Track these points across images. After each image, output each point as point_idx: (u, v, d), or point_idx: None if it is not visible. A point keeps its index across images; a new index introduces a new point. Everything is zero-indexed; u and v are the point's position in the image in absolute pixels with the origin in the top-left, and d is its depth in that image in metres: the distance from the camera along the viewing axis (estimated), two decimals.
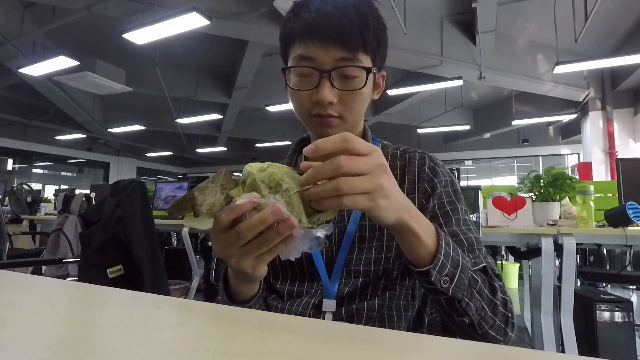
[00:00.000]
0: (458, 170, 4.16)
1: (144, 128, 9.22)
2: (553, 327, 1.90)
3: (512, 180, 10.95)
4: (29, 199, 4.09)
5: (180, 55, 7.00)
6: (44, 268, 2.60)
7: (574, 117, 7.61)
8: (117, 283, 1.41)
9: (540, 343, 1.88)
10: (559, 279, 1.95)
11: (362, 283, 0.64)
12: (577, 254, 2.19)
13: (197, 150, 12.12)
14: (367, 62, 0.60)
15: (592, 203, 1.82)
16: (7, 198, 4.20)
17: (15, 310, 0.35)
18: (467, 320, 0.52)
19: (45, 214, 3.96)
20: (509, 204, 2.12)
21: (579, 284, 2.70)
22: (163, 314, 0.36)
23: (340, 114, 0.60)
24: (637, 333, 1.96)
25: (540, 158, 10.62)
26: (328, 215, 0.44)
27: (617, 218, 1.78)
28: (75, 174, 13.55)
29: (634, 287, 3.66)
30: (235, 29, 5.18)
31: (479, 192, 2.11)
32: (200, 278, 3.32)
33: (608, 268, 3.33)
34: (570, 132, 8.81)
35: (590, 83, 6.80)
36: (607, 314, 1.88)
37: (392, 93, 6.57)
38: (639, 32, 5.77)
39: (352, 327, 0.33)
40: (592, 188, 1.84)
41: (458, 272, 0.50)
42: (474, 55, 5.99)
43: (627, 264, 2.53)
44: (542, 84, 6.58)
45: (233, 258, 0.43)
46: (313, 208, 0.43)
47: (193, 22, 4.09)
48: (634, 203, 1.75)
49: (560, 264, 1.90)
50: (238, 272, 0.47)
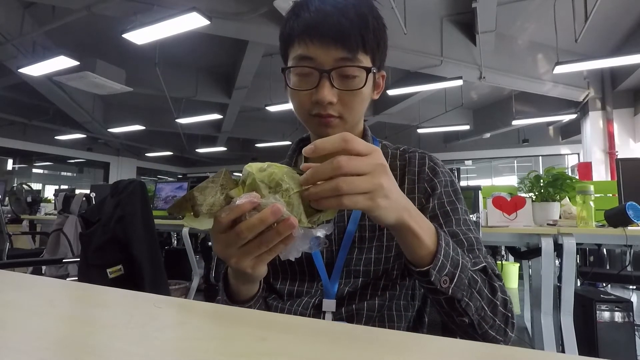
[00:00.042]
0: (458, 170, 4.16)
1: (144, 128, 9.23)
2: (553, 327, 1.90)
3: (512, 180, 10.95)
4: (29, 199, 4.09)
5: (180, 55, 7.00)
6: (44, 268, 2.60)
7: (574, 117, 7.62)
8: (117, 283, 1.41)
9: (540, 343, 1.88)
10: (559, 279, 1.95)
11: (362, 283, 0.64)
12: (577, 254, 2.19)
13: (197, 150, 12.12)
14: (366, 62, 0.60)
15: (592, 203, 1.82)
16: (7, 198, 4.20)
17: (15, 310, 0.35)
18: (467, 320, 0.52)
19: (45, 214, 3.96)
20: (509, 204, 2.12)
21: (579, 284, 2.70)
22: (163, 314, 0.36)
23: (340, 114, 0.60)
24: (637, 333, 1.96)
25: (540, 158, 10.63)
26: (328, 215, 0.44)
27: (617, 218, 1.78)
28: (75, 174, 13.55)
29: (634, 287, 3.66)
30: (235, 29, 5.18)
31: (479, 192, 2.11)
32: (200, 278, 3.32)
33: (608, 268, 3.33)
34: (570, 132, 8.81)
35: (590, 83, 6.80)
36: (607, 314, 1.88)
37: (392, 93, 6.57)
38: (639, 32, 5.77)
39: (352, 327, 0.33)
40: (592, 188, 1.84)
41: (458, 272, 0.50)
42: (474, 55, 5.99)
43: (627, 264, 2.53)
44: (542, 84, 6.58)
45: (233, 258, 0.43)
46: (313, 208, 0.42)
47: (193, 22, 4.09)
48: (634, 203, 1.75)
49: (560, 264, 1.90)
50: (238, 272, 0.47)
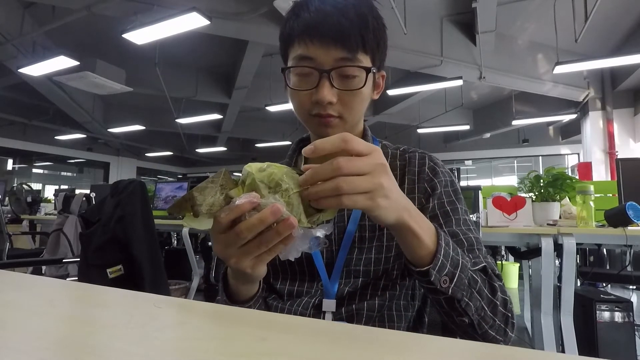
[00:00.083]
0: (458, 170, 4.15)
1: (144, 128, 9.22)
2: (553, 327, 1.90)
3: (512, 180, 10.95)
4: (29, 199, 4.09)
5: (180, 55, 7.00)
6: (44, 268, 2.60)
7: (574, 117, 7.61)
8: (117, 283, 1.41)
9: (540, 343, 1.88)
10: (559, 279, 1.95)
11: (362, 283, 0.64)
12: (577, 254, 2.19)
13: (197, 150, 12.12)
14: (366, 62, 0.60)
15: (592, 203, 1.82)
16: (7, 198, 4.19)
17: (15, 310, 0.35)
18: (466, 320, 0.52)
19: (45, 214, 3.96)
20: (509, 204, 2.12)
21: (579, 284, 2.70)
22: (163, 314, 0.36)
23: (340, 114, 0.60)
24: (637, 333, 1.96)
25: (540, 158, 10.63)
26: (327, 215, 0.44)
27: (617, 218, 1.78)
28: (75, 174, 13.55)
29: (634, 287, 3.66)
30: (235, 29, 5.18)
31: (479, 192, 2.11)
32: (200, 278, 3.32)
33: (608, 268, 3.33)
34: (570, 132, 8.81)
35: (590, 83, 6.80)
36: (607, 314, 1.88)
37: (392, 93, 6.57)
38: (639, 32, 5.77)
39: (352, 327, 0.33)
40: (592, 188, 1.84)
41: (458, 272, 0.50)
42: (474, 55, 5.99)
43: (627, 264, 2.53)
44: (542, 84, 6.58)
45: (233, 258, 0.43)
46: (313, 208, 0.42)
47: (193, 22, 4.09)
48: (634, 203, 1.75)
49: (560, 264, 1.90)
50: (237, 272, 0.47)
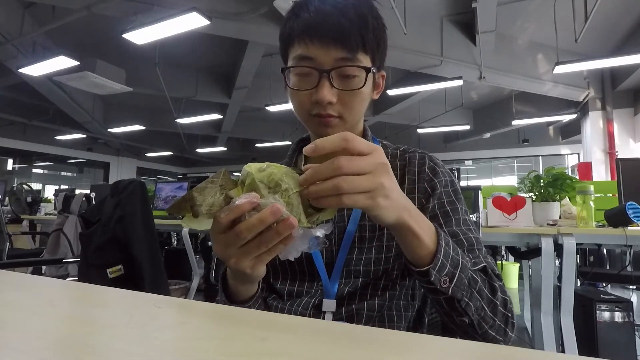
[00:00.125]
0: (458, 170, 4.15)
1: (144, 128, 9.22)
2: (553, 327, 1.90)
3: (512, 180, 10.95)
4: (29, 199, 4.09)
5: (180, 55, 7.00)
6: (44, 268, 2.60)
7: (574, 117, 7.61)
8: (117, 283, 1.41)
9: (540, 343, 1.88)
10: (559, 279, 1.95)
11: (362, 283, 0.64)
12: (577, 254, 2.19)
13: (197, 150, 12.12)
14: (366, 61, 0.60)
15: (592, 203, 1.82)
16: (7, 198, 4.20)
17: (15, 310, 0.35)
18: (466, 320, 0.52)
19: (45, 214, 3.96)
20: (509, 204, 2.12)
21: (579, 284, 2.70)
22: (163, 314, 0.36)
23: (340, 114, 0.60)
24: (637, 333, 1.96)
25: (540, 158, 10.63)
26: (327, 215, 0.44)
27: (617, 218, 1.78)
28: (75, 174, 13.55)
29: (634, 287, 3.66)
30: (235, 29, 5.18)
31: (479, 192, 2.11)
32: (200, 278, 3.32)
33: (608, 268, 3.33)
34: (570, 132, 8.81)
35: (590, 83, 6.80)
36: (607, 314, 1.88)
37: (392, 93, 6.57)
38: (639, 32, 5.77)
39: (352, 327, 0.33)
40: (592, 188, 1.84)
41: (458, 272, 0.50)
42: (474, 55, 5.99)
43: (627, 264, 2.53)
44: (542, 84, 6.58)
45: (232, 258, 0.43)
46: (312, 208, 0.42)
47: (193, 22, 4.09)
48: (634, 203, 1.75)
49: (560, 264, 1.90)
50: (237, 272, 0.47)
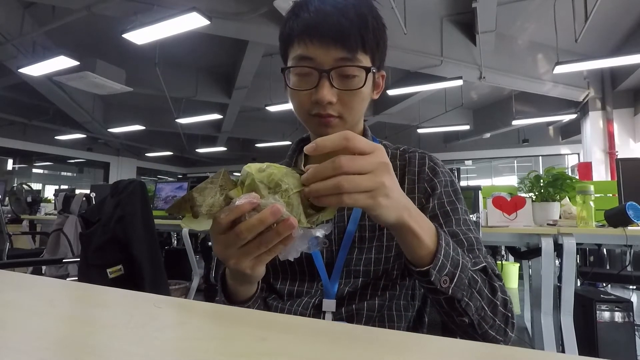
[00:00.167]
0: (458, 170, 4.15)
1: (144, 128, 9.22)
2: (553, 327, 1.90)
3: (512, 180, 10.95)
4: (29, 199, 4.09)
5: (180, 55, 7.00)
6: (44, 268, 2.60)
7: (574, 117, 7.61)
8: (117, 283, 1.41)
9: (540, 343, 1.88)
10: (559, 279, 1.95)
11: (362, 283, 0.64)
12: (577, 254, 2.19)
13: (197, 150, 12.12)
14: (366, 61, 0.60)
15: (592, 203, 1.82)
16: (7, 198, 4.20)
17: (15, 310, 0.35)
18: (467, 320, 0.52)
19: (45, 214, 3.96)
20: (509, 204, 2.12)
21: (579, 284, 2.70)
22: (163, 314, 0.36)
23: (340, 114, 0.60)
24: (637, 333, 1.96)
25: (540, 158, 10.63)
26: (327, 215, 0.44)
27: (617, 218, 1.78)
28: (75, 174, 13.55)
29: (634, 287, 3.66)
30: (235, 29, 5.18)
31: (479, 192, 2.11)
32: (200, 278, 3.32)
33: (608, 268, 3.33)
34: (570, 132, 8.81)
35: (590, 83, 6.80)
36: (607, 314, 1.88)
37: (392, 93, 6.57)
38: (639, 32, 5.77)
39: (352, 327, 0.33)
40: (592, 188, 1.84)
41: (458, 272, 0.50)
42: (474, 55, 5.99)
43: (627, 264, 2.53)
44: (542, 84, 6.58)
45: (232, 259, 0.43)
46: (312, 208, 0.42)
47: (193, 22, 4.09)
48: (634, 203, 1.75)
49: (560, 264, 1.90)
50: (237, 272, 0.47)
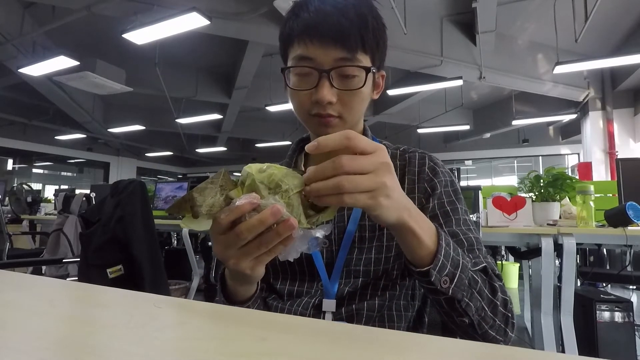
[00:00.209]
0: (458, 170, 4.15)
1: (144, 128, 9.22)
2: (553, 327, 1.90)
3: (512, 180, 10.95)
4: (29, 199, 4.09)
5: (180, 55, 7.00)
6: (44, 268, 2.60)
7: (574, 117, 7.61)
8: (117, 283, 1.41)
9: (540, 343, 1.88)
10: (559, 279, 1.95)
11: (362, 283, 0.64)
12: (577, 254, 2.19)
13: (197, 150, 12.12)
14: (366, 61, 0.60)
15: (592, 203, 1.82)
16: (7, 198, 4.19)
17: (15, 310, 0.35)
18: (467, 321, 0.52)
19: (45, 214, 3.96)
20: (509, 204, 2.12)
21: (579, 284, 2.70)
22: (163, 314, 0.36)
23: (340, 114, 0.60)
24: (637, 333, 1.96)
25: (540, 158, 10.63)
26: (327, 216, 0.44)
27: (617, 218, 1.78)
28: (75, 174, 13.55)
29: (634, 287, 3.66)
30: (235, 29, 5.18)
31: (479, 192, 2.11)
32: (200, 278, 3.32)
33: (608, 268, 3.33)
34: (570, 132, 8.81)
35: (590, 83, 6.80)
36: (607, 314, 1.88)
37: (392, 93, 6.57)
38: (639, 32, 5.77)
39: (352, 327, 0.33)
40: (592, 188, 1.84)
41: (458, 272, 0.50)
42: (474, 55, 5.99)
43: (627, 264, 2.53)
44: (542, 84, 6.58)
45: (232, 259, 0.43)
46: (312, 209, 0.42)
47: (193, 22, 4.09)
48: (634, 203, 1.75)
49: (560, 264, 1.90)
50: (236, 273, 0.47)
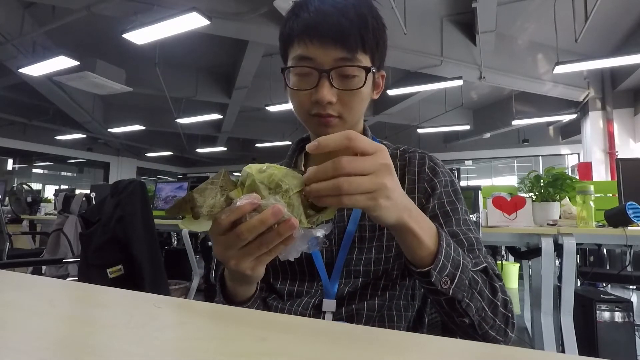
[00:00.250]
0: (458, 170, 4.15)
1: (144, 128, 9.22)
2: (553, 327, 1.90)
3: (512, 180, 10.95)
4: (29, 199, 4.09)
5: (180, 55, 7.00)
6: (44, 268, 2.60)
7: (574, 117, 7.61)
8: (117, 283, 1.41)
9: (540, 343, 1.88)
10: (559, 279, 1.95)
11: (362, 283, 0.64)
12: (577, 254, 2.19)
13: (197, 150, 12.12)
14: (366, 61, 0.60)
15: (592, 203, 1.82)
16: (7, 198, 4.19)
17: (15, 310, 0.35)
18: (467, 321, 0.52)
19: (45, 214, 3.96)
20: (509, 204, 2.12)
21: (579, 284, 2.70)
22: (163, 314, 0.36)
23: (340, 114, 0.60)
24: (637, 333, 1.96)
25: (540, 158, 10.63)
26: (327, 216, 0.44)
27: (617, 218, 1.78)
28: (75, 174, 13.55)
29: (634, 287, 3.66)
30: (235, 29, 5.18)
31: (479, 192, 2.11)
32: (200, 278, 3.32)
33: (608, 268, 3.33)
34: (570, 132, 8.81)
35: (590, 83, 6.80)
36: (607, 314, 1.88)
37: (392, 93, 6.57)
38: (639, 32, 5.77)
39: (352, 327, 0.33)
40: (592, 188, 1.84)
41: (458, 272, 0.50)
42: (474, 55, 5.99)
43: (627, 264, 2.53)
44: (542, 84, 6.58)
45: (232, 260, 0.42)
46: (312, 209, 0.42)
47: (193, 22, 4.09)
48: (634, 203, 1.75)
49: (560, 264, 1.90)
50: (237, 273, 0.46)
